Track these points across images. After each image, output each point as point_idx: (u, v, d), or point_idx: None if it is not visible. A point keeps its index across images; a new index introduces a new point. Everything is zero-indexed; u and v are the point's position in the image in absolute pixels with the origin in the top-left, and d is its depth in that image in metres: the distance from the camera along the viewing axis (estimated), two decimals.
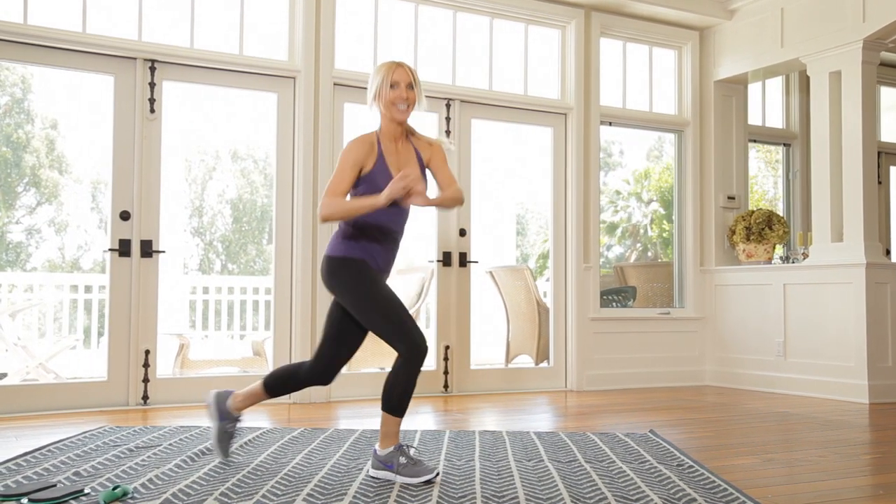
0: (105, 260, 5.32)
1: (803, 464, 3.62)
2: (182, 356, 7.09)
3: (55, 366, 6.96)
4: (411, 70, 3.38)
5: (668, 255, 13.97)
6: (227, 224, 15.34)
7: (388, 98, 3.29)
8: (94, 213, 13.71)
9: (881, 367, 6.03)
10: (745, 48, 7.02)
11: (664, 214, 15.37)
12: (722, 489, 2.98)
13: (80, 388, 5.25)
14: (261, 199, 14.94)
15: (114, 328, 5.28)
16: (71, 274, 12.56)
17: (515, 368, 7.18)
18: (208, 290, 9.26)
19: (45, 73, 11.56)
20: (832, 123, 6.39)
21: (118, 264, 5.29)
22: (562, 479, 3.17)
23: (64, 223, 13.97)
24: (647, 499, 2.84)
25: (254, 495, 2.87)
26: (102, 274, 12.16)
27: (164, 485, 3.02)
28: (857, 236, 6.14)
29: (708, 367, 7.21)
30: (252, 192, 15.33)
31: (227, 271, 14.94)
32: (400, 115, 3.31)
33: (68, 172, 13.80)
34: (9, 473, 3.21)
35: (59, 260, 13.67)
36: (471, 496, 2.88)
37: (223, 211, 15.29)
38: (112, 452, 3.65)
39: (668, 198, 14.89)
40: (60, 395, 5.15)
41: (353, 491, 2.95)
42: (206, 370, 7.04)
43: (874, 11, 6.03)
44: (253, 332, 9.13)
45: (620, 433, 4.31)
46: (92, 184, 13.41)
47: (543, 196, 7.30)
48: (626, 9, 6.88)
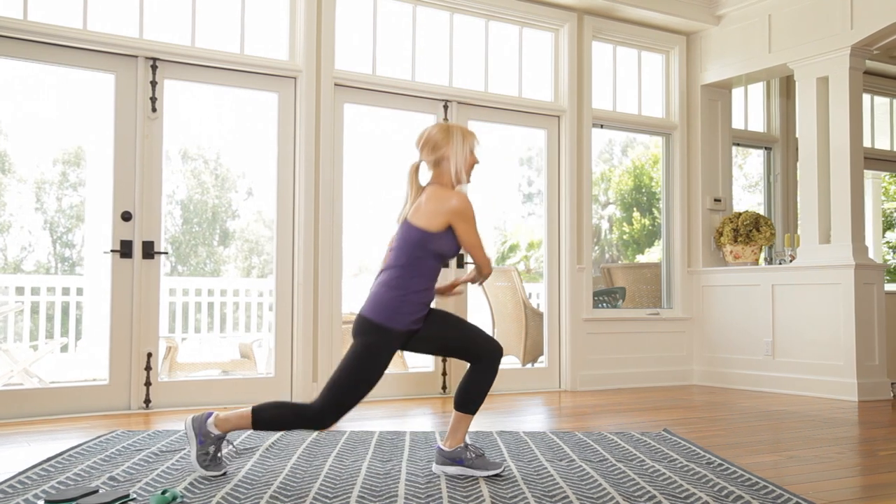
0: (52, 261, 5.23)
1: (826, 461, 3.70)
2: (170, 359, 6.98)
3: (37, 369, 6.81)
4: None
5: (628, 257, 14.13)
6: (176, 225, 15.11)
7: (469, 164, 3.32)
8: (39, 213, 13.40)
9: (869, 366, 6.18)
10: (732, 53, 7.15)
11: (623, 217, 15.54)
12: (765, 487, 3.04)
13: (82, 391, 5.15)
14: (211, 199, 14.74)
15: (115, 331, 5.19)
16: (15, 276, 12.25)
17: (510, 369, 7.21)
18: (188, 292, 9.14)
19: None
20: (819, 128, 6.54)
21: (119, 266, 5.20)
22: (603, 478, 3.20)
23: (6, 224, 13.63)
24: (695, 497, 2.89)
25: (305, 498, 2.85)
26: (48, 275, 11.93)
27: (207, 488, 2.99)
28: (844, 238, 6.29)
29: (695, 366, 7.32)
30: (203, 193, 15.14)
31: (177, 273, 14.71)
32: (468, 181, 3.34)
33: (11, 172, 13.45)
34: (40, 480, 3.15)
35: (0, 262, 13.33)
36: (521, 496, 2.90)
37: (173, 212, 15.06)
38: (138, 457, 3.60)
39: (629, 200, 15.07)
40: (62, 399, 5.05)
41: (403, 492, 2.95)
42: (195, 373, 6.95)
43: (862, 19, 6.19)
44: (234, 332, 9.04)
45: (635, 432, 4.36)
46: (36, 184, 13.09)
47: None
48: (617, 13, 6.95)
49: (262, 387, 5.62)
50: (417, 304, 3.16)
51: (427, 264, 3.17)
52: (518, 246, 16.34)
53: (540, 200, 16.17)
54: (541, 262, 7.15)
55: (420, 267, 3.16)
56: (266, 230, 14.19)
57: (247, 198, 14.41)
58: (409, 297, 3.14)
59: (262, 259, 14.25)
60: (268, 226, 14.30)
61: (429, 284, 3.21)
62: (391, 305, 3.13)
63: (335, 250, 5.81)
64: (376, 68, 6.09)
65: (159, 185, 5.32)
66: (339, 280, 5.86)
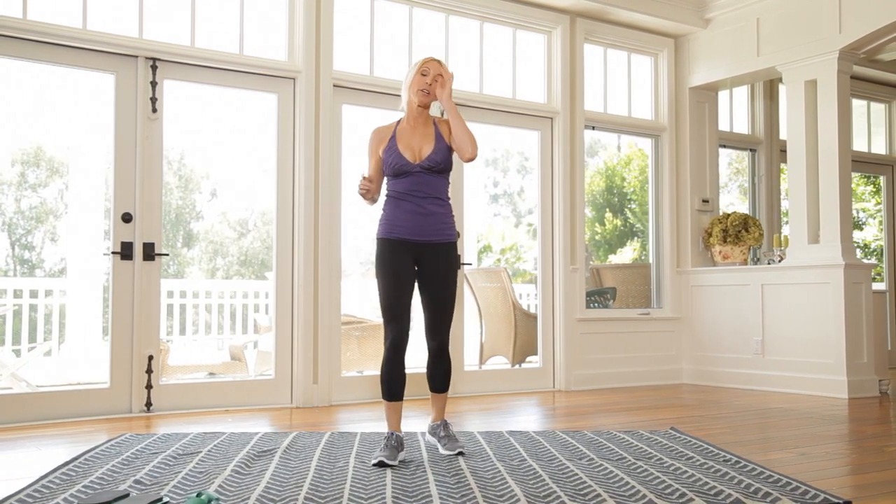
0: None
1: (836, 457, 3.77)
2: (161, 362, 6.91)
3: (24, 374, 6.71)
4: (443, 67, 3.77)
5: (600, 258, 14.24)
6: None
7: (416, 85, 3.72)
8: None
9: (858, 364, 6.30)
10: (720, 56, 7.25)
11: (595, 217, 15.66)
12: (788, 483, 3.09)
13: (83, 395, 5.09)
14: (175, 200, 14.59)
15: (116, 333, 5.14)
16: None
17: (505, 369, 7.25)
18: (172, 293, 9.06)
19: None
20: (808, 130, 6.65)
21: (120, 267, 5.15)
22: (628, 476, 3.24)
23: None
24: (724, 494, 2.93)
25: (339, 498, 2.85)
26: (31, 278, 11.71)
27: (237, 490, 2.97)
28: (833, 238, 6.40)
29: (685, 365, 7.41)
30: (166, 194, 14.94)
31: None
32: (421, 97, 3.73)
33: None
34: (63, 484, 3.11)
35: None
36: (555, 496, 2.92)
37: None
38: (157, 460, 3.57)
39: (600, 201, 15.19)
40: (63, 402, 4.98)
41: (436, 492, 2.96)
42: (186, 375, 6.89)
43: (850, 23, 6.31)
44: (222, 335, 8.97)
45: (643, 431, 4.41)
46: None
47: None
48: (608, 15, 7.02)
49: (262, 389, 5.60)
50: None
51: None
52: (490, 248, 16.39)
53: (506, 201, 16.20)
54: (512, 263, 7.19)
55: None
56: (231, 231, 14.10)
57: (210, 199, 14.29)
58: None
59: (226, 261, 14.16)
60: (232, 227, 14.20)
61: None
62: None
63: (333, 250, 5.80)
64: (373, 69, 6.09)
65: (159, 186, 5.27)
66: (339, 280, 5.85)
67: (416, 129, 3.76)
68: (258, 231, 14.18)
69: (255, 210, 13.91)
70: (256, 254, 14.15)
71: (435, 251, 3.71)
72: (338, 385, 5.80)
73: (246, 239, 14.25)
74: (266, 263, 14.07)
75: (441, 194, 3.74)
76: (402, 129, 3.77)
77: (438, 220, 3.71)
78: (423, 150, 3.71)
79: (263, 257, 14.14)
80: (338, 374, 5.82)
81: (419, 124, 3.78)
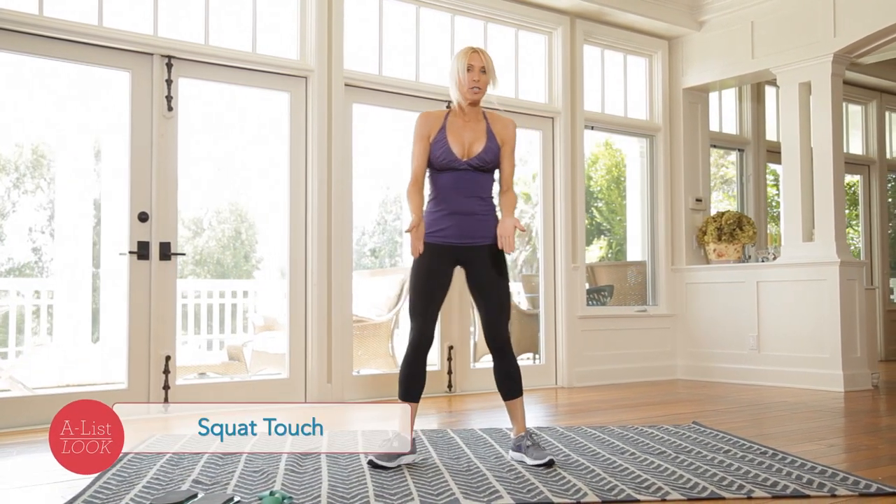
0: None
1: (865, 449, 3.90)
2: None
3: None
4: (485, 55, 3.72)
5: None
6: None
7: (466, 84, 3.65)
8: None
9: (853, 358, 6.48)
10: (714, 58, 7.39)
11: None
12: (835, 474, 3.19)
13: (100, 396, 5.00)
14: None
15: (133, 334, 5.09)
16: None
17: None
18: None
19: None
20: (802, 131, 6.82)
21: (136, 267, 5.11)
22: (679, 468, 3.32)
23: None
24: (781, 485, 3.02)
25: (411, 495, 2.89)
26: (20, 278, 11.51)
27: (302, 488, 2.99)
28: (828, 236, 6.57)
29: (679, 361, 7.55)
30: None
31: None
32: (472, 95, 3.65)
33: None
34: (121, 486, 3.10)
35: None
36: (617, 488, 2.98)
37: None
38: (203, 460, 3.57)
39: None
40: None
41: (504, 487, 3.01)
42: (186, 375, 6.83)
43: (845, 27, 6.48)
44: (222, 334, 8.90)
45: (668, 425, 4.50)
46: None
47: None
48: (606, 17, 7.12)
49: (277, 388, 5.59)
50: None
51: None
52: None
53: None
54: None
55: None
56: (185, 230, 13.85)
57: None
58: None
59: (181, 259, 13.92)
60: (186, 226, 13.93)
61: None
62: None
63: (345, 249, 5.81)
64: (382, 69, 6.11)
65: (175, 185, 5.24)
66: (350, 279, 5.86)
67: (468, 124, 3.67)
68: (213, 230, 14.00)
69: (209, 209, 13.72)
70: (212, 253, 13.97)
71: (480, 254, 3.61)
72: (349, 384, 5.82)
73: (201, 238, 14.00)
74: (221, 262, 13.93)
75: (486, 193, 3.67)
76: (453, 122, 3.67)
77: (482, 221, 3.62)
78: (473, 147, 3.62)
79: (219, 256, 13.97)
80: (349, 373, 5.83)
81: (471, 119, 3.69)
